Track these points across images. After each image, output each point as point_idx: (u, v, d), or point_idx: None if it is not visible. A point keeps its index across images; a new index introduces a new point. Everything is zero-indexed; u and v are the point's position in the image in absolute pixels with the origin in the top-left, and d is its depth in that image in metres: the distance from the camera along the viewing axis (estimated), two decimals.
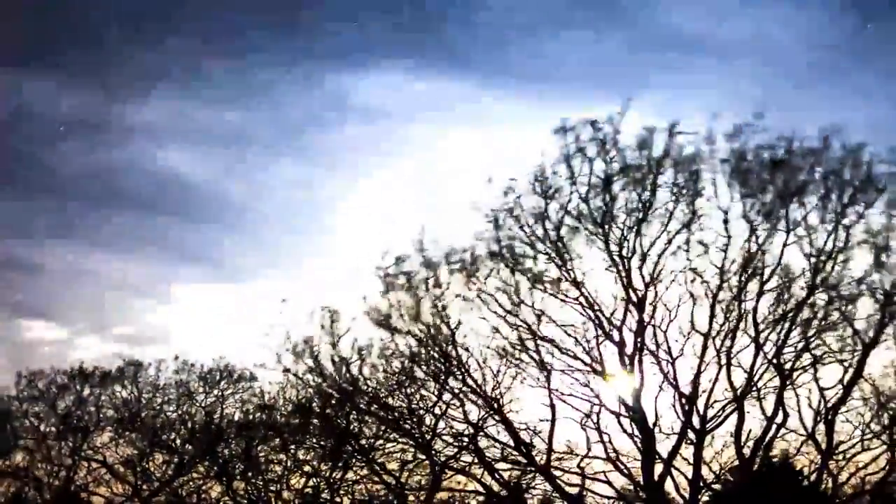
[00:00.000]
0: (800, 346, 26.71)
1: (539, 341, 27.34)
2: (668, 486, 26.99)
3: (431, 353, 27.98)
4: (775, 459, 27.71)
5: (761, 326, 26.52)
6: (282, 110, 69.40)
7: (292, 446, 33.06)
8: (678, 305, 26.77)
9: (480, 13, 62.49)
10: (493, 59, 64.66)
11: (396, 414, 29.05)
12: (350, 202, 68.78)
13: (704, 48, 59.60)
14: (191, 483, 37.51)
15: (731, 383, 26.69)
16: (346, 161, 71.51)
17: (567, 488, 28.03)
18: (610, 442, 27.45)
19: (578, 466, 28.15)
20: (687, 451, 26.92)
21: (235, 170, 70.95)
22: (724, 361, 26.57)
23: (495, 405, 27.89)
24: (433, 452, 29.38)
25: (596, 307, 26.94)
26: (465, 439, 28.71)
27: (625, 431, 27.18)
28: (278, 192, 71.06)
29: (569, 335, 27.34)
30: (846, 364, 26.71)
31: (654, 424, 26.82)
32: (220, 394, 37.27)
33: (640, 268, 26.59)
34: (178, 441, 37.88)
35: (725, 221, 26.28)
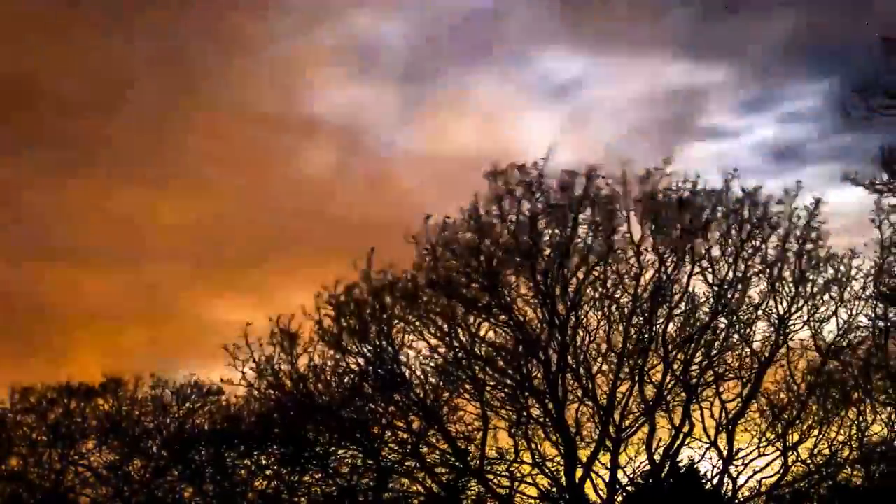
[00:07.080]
0: (704, 364, 27.82)
1: (473, 360, 28.10)
2: (588, 488, 27.83)
3: (378, 370, 28.78)
4: (682, 465, 28.52)
5: (670, 347, 27.56)
6: None
7: (255, 453, 33.60)
8: (596, 328, 27.78)
9: None
10: None
11: (347, 425, 29.61)
12: None
13: None
14: (166, 486, 37.90)
15: (643, 397, 27.68)
16: None
17: (498, 489, 28.78)
18: (536, 448, 28.33)
19: (508, 470, 28.99)
20: (604, 457, 27.79)
21: None
22: (636, 378, 27.54)
23: (435, 416, 28.67)
24: (380, 458, 30.02)
25: (524, 330, 27.79)
26: (408, 447, 29.41)
27: (549, 439, 28.06)
28: None
29: (500, 354, 28.20)
30: (745, 380, 27.95)
31: (576, 433, 27.71)
32: (190, 407, 37.75)
33: (563, 295, 27.47)
34: (154, 448, 38.28)
35: (638, 254, 27.38)
